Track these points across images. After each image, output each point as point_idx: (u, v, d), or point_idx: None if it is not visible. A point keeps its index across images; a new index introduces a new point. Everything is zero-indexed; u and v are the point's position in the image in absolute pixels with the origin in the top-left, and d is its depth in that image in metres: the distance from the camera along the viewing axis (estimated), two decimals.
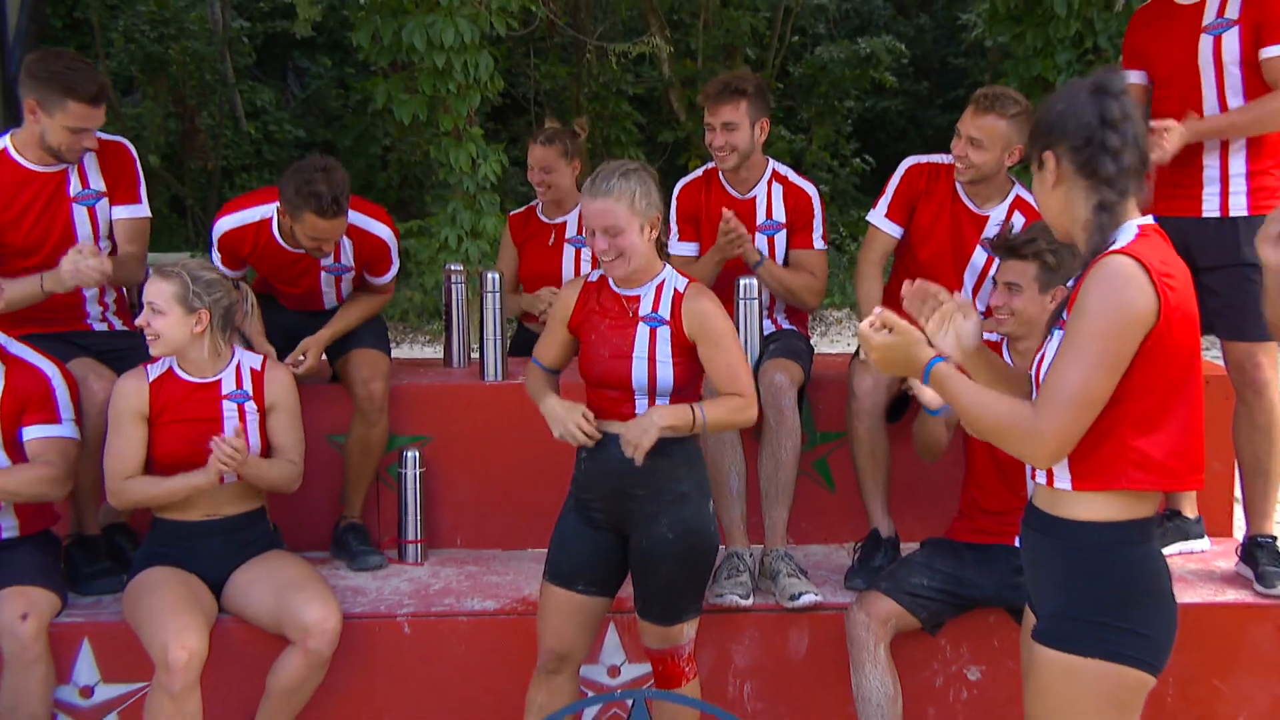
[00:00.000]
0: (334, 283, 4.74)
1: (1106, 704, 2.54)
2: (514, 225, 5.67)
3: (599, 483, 3.57)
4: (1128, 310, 2.42)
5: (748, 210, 4.70)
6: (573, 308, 3.61)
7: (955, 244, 4.55)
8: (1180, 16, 4.28)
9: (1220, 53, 4.19)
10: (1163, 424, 2.51)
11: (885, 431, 4.41)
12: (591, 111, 15.62)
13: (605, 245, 3.41)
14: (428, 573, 4.53)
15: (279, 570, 3.99)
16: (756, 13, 16.49)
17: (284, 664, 3.81)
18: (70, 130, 4.16)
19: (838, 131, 17.00)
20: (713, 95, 4.59)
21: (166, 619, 3.67)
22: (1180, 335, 2.48)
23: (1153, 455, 2.50)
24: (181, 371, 3.95)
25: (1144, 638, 2.52)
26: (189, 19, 16.08)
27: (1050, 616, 2.60)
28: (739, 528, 4.36)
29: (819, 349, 4.83)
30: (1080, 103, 2.57)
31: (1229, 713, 4.19)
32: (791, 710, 4.25)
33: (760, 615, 4.22)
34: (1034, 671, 2.64)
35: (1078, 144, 2.55)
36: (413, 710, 4.15)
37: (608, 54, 15.44)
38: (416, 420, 4.77)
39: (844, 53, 16.61)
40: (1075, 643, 2.53)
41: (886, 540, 4.41)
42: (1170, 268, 2.48)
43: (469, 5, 11.39)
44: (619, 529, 3.60)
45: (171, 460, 3.89)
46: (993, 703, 4.25)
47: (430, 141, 12.36)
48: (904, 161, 4.74)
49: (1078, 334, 2.45)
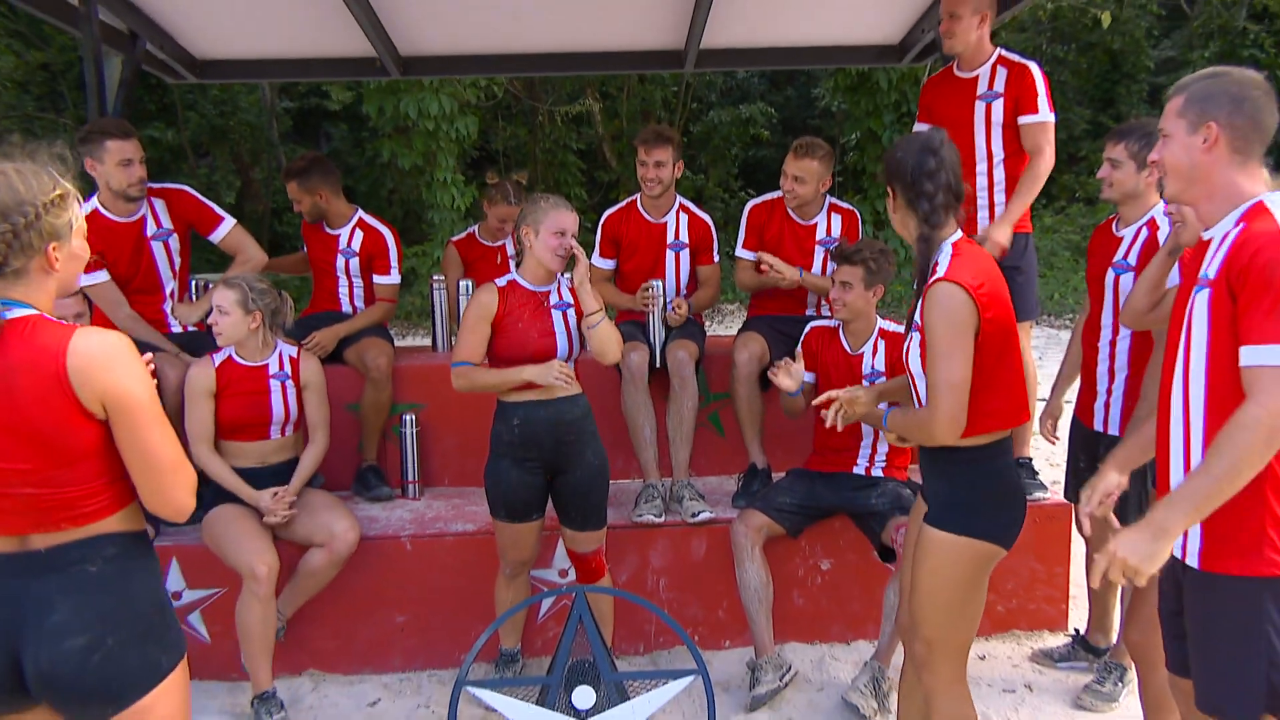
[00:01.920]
0: (346, 266, 4.85)
1: (970, 567, 2.65)
2: (460, 247, 5.56)
3: (538, 438, 3.54)
4: (958, 320, 2.53)
5: (660, 232, 4.67)
6: (495, 309, 3.51)
7: (798, 249, 4.59)
8: (961, 86, 4.33)
9: (990, 115, 4.25)
10: (996, 384, 2.61)
11: (759, 393, 4.43)
12: (544, 160, 15.59)
13: (567, 243, 3.48)
14: (423, 505, 4.52)
15: (314, 499, 4.00)
16: (666, 86, 16.53)
17: (311, 558, 3.86)
18: (119, 164, 4.13)
19: (727, 172, 17.04)
20: (649, 140, 4.54)
21: (247, 543, 3.67)
22: (998, 321, 2.59)
23: (995, 405, 2.61)
24: (239, 358, 3.91)
25: (994, 521, 2.65)
26: (245, 100, 15.88)
27: (937, 508, 2.69)
28: (652, 465, 4.36)
29: (713, 333, 4.85)
30: (911, 155, 2.68)
31: (994, 579, 4.27)
32: (695, 598, 4.27)
33: (670, 529, 4.24)
34: (921, 545, 2.69)
35: (907, 184, 2.67)
36: (413, 603, 4.14)
37: (555, 116, 15.41)
38: (413, 391, 4.74)
39: (730, 116, 16.67)
40: (952, 525, 2.64)
41: (761, 471, 4.44)
42: (981, 276, 2.58)
43: (449, 85, 11.55)
44: (550, 469, 3.60)
45: (232, 423, 3.87)
46: (839, 584, 4.30)
47: (424, 185, 12.34)
48: (746, 206, 4.76)
49: (933, 346, 2.56)
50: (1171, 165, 2.25)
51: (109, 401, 1.89)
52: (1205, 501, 2.06)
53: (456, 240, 5.64)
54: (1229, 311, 2.11)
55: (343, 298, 4.87)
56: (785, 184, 4.50)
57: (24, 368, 1.85)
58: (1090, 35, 17.16)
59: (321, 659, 4.12)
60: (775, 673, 3.82)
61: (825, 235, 4.58)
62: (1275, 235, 2.04)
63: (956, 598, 2.66)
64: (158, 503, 1.98)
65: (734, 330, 4.64)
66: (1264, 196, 2.16)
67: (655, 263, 4.68)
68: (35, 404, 1.86)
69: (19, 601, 1.91)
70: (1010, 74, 4.22)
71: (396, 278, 4.89)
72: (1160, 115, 2.30)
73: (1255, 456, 2.02)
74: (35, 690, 1.93)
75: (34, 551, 1.93)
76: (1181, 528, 2.10)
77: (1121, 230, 3.62)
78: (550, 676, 3.13)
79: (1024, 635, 4.36)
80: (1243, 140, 2.17)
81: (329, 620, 4.09)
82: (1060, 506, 4.33)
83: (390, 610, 4.13)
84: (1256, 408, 2.01)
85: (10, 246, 1.87)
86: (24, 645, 1.90)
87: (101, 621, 1.93)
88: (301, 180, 4.74)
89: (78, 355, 1.87)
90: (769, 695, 3.77)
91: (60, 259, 1.96)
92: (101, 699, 1.94)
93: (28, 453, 1.88)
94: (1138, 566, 2.08)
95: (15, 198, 1.88)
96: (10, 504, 1.89)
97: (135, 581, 2.00)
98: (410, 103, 11.48)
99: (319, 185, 4.75)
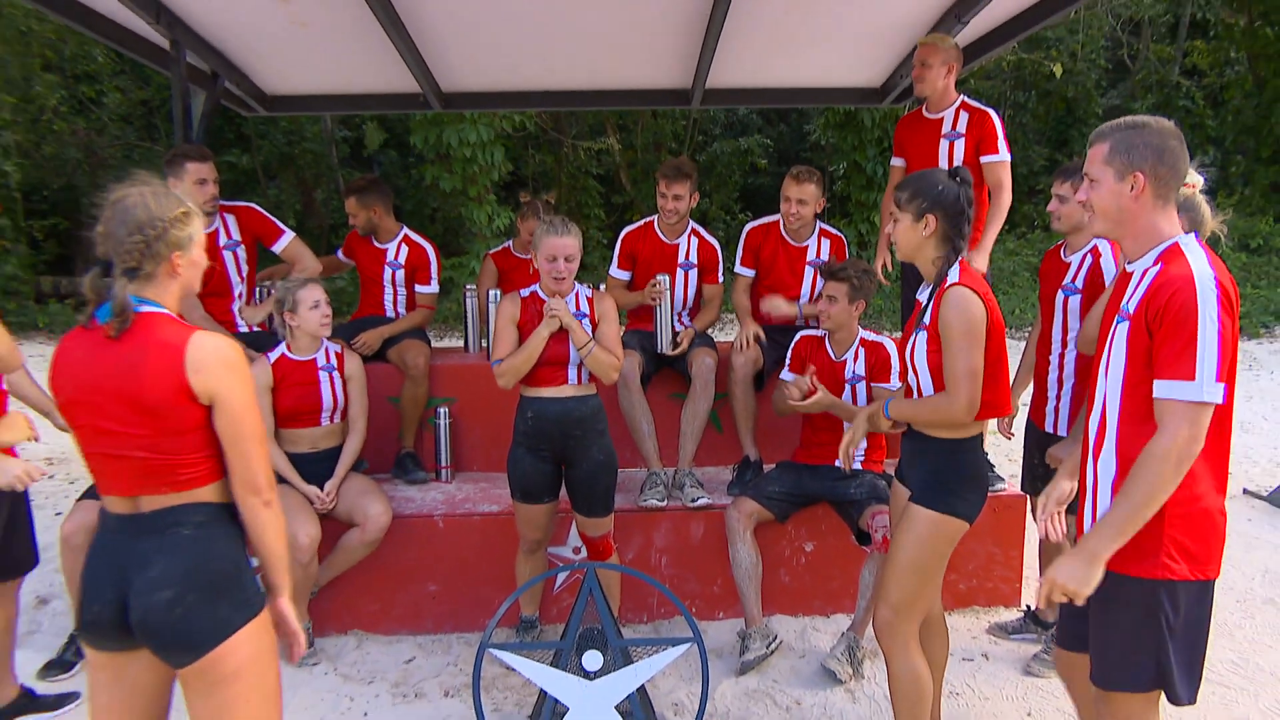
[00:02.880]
0: (393, 277, 4.82)
1: (945, 541, 2.68)
2: (496, 259, 5.47)
3: (548, 431, 3.51)
4: (975, 318, 2.57)
5: (673, 251, 4.58)
6: (518, 315, 3.53)
7: (790, 269, 4.52)
8: (928, 125, 4.32)
9: (952, 152, 4.24)
10: (993, 379, 2.64)
11: (754, 393, 4.38)
12: (568, 184, 15.54)
13: (565, 268, 3.43)
14: (454, 487, 4.47)
15: (355, 483, 3.97)
16: (675, 120, 16.47)
17: (350, 536, 3.87)
18: (195, 183, 4.14)
19: (729, 197, 16.92)
20: (669, 175, 4.44)
21: (294, 516, 3.66)
22: (997, 325, 2.63)
23: (990, 397, 2.63)
24: (291, 354, 3.89)
25: (968, 501, 2.67)
26: (309, 130, 15.89)
27: (922, 489, 2.70)
28: (654, 456, 4.31)
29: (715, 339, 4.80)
30: (951, 189, 2.68)
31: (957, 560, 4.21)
32: (693, 574, 4.22)
33: (672, 513, 4.19)
34: (905, 520, 2.71)
35: (952, 212, 2.66)
36: (444, 574, 4.10)
37: (578, 148, 15.38)
38: (447, 387, 4.69)
39: (731, 147, 16.56)
40: (936, 504, 2.66)
41: (754, 463, 4.37)
42: (982, 287, 2.62)
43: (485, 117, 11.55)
44: (559, 460, 3.58)
45: (289, 411, 3.86)
46: (820, 564, 4.25)
47: (462, 205, 12.31)
48: (744, 228, 4.66)
49: (952, 338, 2.59)
50: (1100, 208, 2.25)
51: (215, 396, 1.99)
52: (1128, 524, 2.10)
53: (493, 253, 5.60)
54: (1144, 344, 2.13)
55: (387, 304, 4.84)
56: (788, 207, 4.41)
57: (150, 352, 1.97)
58: (1048, 85, 17.13)
59: (365, 620, 4.08)
60: (763, 641, 3.77)
61: (815, 257, 4.51)
62: (1188, 279, 2.06)
63: (931, 566, 2.70)
64: (243, 479, 2.04)
65: (731, 338, 4.59)
66: (1179, 238, 2.17)
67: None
68: (154, 382, 1.96)
69: (129, 556, 2.01)
70: (972, 118, 4.22)
71: (435, 287, 4.88)
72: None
73: (1167, 483, 2.07)
74: (136, 634, 2.00)
75: (141, 514, 2.02)
76: (1110, 552, 2.13)
77: (1069, 256, 3.57)
78: (563, 641, 3.10)
79: (982, 610, 4.30)
80: (1164, 187, 2.17)
81: (372, 587, 4.06)
82: (1016, 497, 4.28)
83: (424, 580, 4.10)
84: (1166, 439, 2.05)
85: (143, 253, 2.00)
86: (130, 593, 1.98)
87: (185, 578, 1.98)
88: (360, 196, 4.75)
89: (196, 351, 1.98)
90: (757, 661, 3.72)
91: (182, 266, 2.07)
92: (181, 647, 1.99)
93: (144, 421, 1.97)
94: (1076, 590, 2.15)
95: (149, 214, 2.00)
96: (127, 465, 2.00)
97: (218, 546, 2.04)
98: (451, 133, 11.46)
99: (375, 202, 4.76)
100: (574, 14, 4.37)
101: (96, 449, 2.02)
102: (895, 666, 2.76)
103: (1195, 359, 2.02)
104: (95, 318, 2.01)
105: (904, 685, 2.76)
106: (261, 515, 2.06)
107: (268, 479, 2.05)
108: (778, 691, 3.61)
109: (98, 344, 2.00)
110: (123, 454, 1.99)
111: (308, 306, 3.86)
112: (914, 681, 2.75)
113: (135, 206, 2.00)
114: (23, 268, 12.51)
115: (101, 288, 2.01)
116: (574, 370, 3.50)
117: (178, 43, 4.48)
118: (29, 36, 13.25)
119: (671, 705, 3.51)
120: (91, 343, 2.01)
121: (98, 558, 2.05)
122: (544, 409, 3.51)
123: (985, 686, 3.65)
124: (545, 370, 3.50)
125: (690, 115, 16.28)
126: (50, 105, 13.78)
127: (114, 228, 2.00)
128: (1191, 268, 2.07)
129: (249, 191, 15.37)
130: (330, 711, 3.48)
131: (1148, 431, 2.11)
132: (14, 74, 13.31)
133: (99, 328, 2.00)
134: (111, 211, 2.01)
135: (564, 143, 15.26)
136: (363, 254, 4.89)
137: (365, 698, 3.58)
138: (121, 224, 1.99)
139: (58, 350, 2.05)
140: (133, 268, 2.00)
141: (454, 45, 4.80)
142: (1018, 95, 17.85)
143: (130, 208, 2.00)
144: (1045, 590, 2.19)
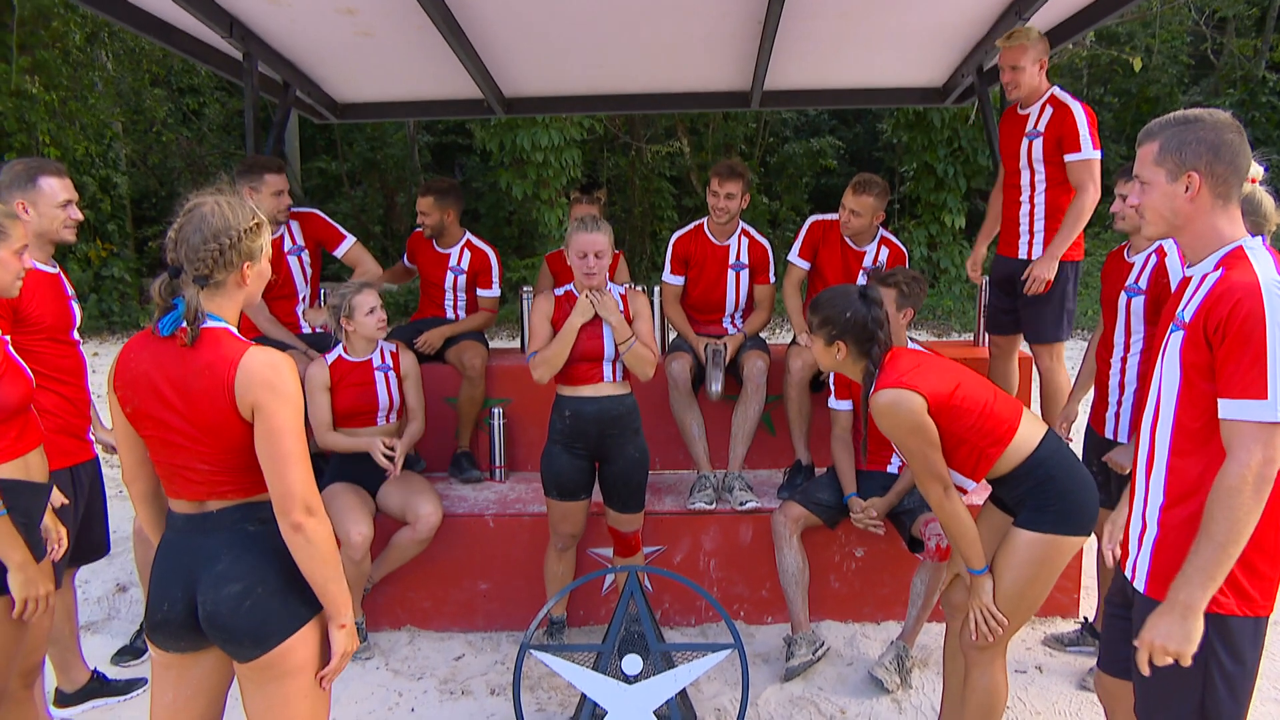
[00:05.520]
0: (454, 282, 4.78)
1: (1052, 562, 2.53)
2: (551, 260, 5.36)
3: (585, 429, 3.49)
4: (910, 417, 2.49)
5: (724, 253, 4.47)
6: (552, 312, 3.52)
7: (845, 271, 4.38)
8: (1018, 121, 4.14)
9: (1031, 151, 4.06)
10: (978, 429, 2.55)
11: (809, 396, 4.25)
12: (641, 187, 15.47)
13: (595, 264, 3.40)
14: (507, 487, 4.43)
15: (409, 482, 3.95)
16: (746, 123, 16.25)
17: (402, 534, 3.85)
18: (274, 194, 4.17)
19: (799, 198, 16.65)
20: (722, 174, 4.35)
21: (348, 514, 3.67)
22: (938, 396, 2.52)
23: (966, 454, 2.57)
24: (348, 355, 3.90)
25: (1073, 516, 2.52)
26: (393, 136, 16.12)
27: (1024, 514, 2.56)
28: (704, 459, 4.20)
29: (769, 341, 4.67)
30: (859, 312, 2.61)
31: None
32: (741, 578, 4.10)
33: (721, 516, 4.08)
34: (1010, 544, 2.56)
35: (862, 336, 2.62)
36: (494, 573, 4.07)
37: (647, 152, 15.32)
38: (502, 388, 4.66)
39: (802, 148, 16.26)
40: (1036, 526, 2.52)
41: (806, 467, 4.25)
42: (907, 369, 2.55)
43: (557, 121, 11.57)
44: (595, 457, 3.55)
45: (346, 411, 3.86)
46: (871, 570, 4.08)
47: (535, 209, 12.36)
48: (808, 219, 4.51)
49: (901, 448, 2.54)
50: (1154, 212, 2.01)
51: (255, 414, 1.93)
52: (1217, 568, 1.85)
53: (550, 255, 5.57)
54: (1200, 358, 1.90)
55: (448, 307, 4.82)
56: (842, 215, 4.28)
57: (206, 371, 1.94)
58: (1124, 82, 16.40)
59: (418, 616, 4.07)
60: (809, 647, 3.64)
61: (871, 263, 4.35)
62: (1253, 287, 1.82)
63: (1038, 591, 2.56)
64: (275, 498, 1.94)
65: (786, 341, 4.45)
66: (1242, 241, 1.93)
67: (718, 280, 4.48)
68: (208, 401, 1.94)
69: (196, 553, 2.00)
70: (1054, 115, 3.99)
71: (497, 291, 4.83)
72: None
73: (1250, 513, 1.82)
74: (205, 629, 1.98)
75: (208, 513, 2.01)
76: (1204, 602, 1.88)
77: (1133, 256, 3.36)
78: (604, 644, 3.02)
79: (1038, 621, 4.08)
80: (1223, 185, 1.93)
81: (426, 584, 4.05)
82: None
83: (475, 578, 4.06)
84: (1239, 465, 1.81)
85: (216, 261, 1.96)
86: (199, 590, 1.97)
87: (253, 572, 1.97)
88: (440, 197, 4.71)
89: (243, 371, 1.93)
90: (802, 668, 3.60)
91: (251, 276, 2.04)
92: (252, 640, 1.96)
93: (206, 438, 1.96)
94: (1178, 650, 1.89)
95: (224, 223, 1.97)
96: (194, 475, 1.98)
97: (283, 541, 1.99)
98: (525, 137, 11.51)
99: (450, 205, 4.73)
100: (629, 18, 4.28)
101: (163, 458, 2.00)
102: (976, 677, 2.65)
103: (1267, 375, 1.78)
104: (159, 326, 1.96)
105: (980, 696, 2.66)
106: (292, 539, 1.94)
107: (303, 502, 1.92)
108: (822, 699, 3.47)
109: (161, 354, 1.96)
110: (189, 465, 1.97)
111: (364, 312, 3.85)
112: (990, 694, 2.65)
113: (211, 214, 1.96)
114: (129, 271, 12.97)
115: (170, 293, 1.97)
116: (609, 367, 3.47)
117: (250, 54, 4.53)
118: (139, 55, 13.74)
119: (715, 710, 3.41)
120: (154, 352, 1.97)
121: (165, 557, 2.03)
122: (581, 408, 3.47)
123: (1037, 700, 3.46)
124: (581, 367, 3.45)
125: (761, 118, 16.07)
126: (159, 118, 14.27)
127: (188, 234, 1.95)
128: (1257, 273, 1.83)
129: (336, 196, 15.68)
130: (379, 706, 3.48)
131: (1202, 452, 1.91)
132: (126, 90, 13.83)
133: (164, 336, 1.96)
134: (186, 218, 1.97)
135: (635, 146, 15.21)
136: (424, 258, 4.87)
137: (414, 694, 3.56)
138: (196, 231, 1.95)
139: (121, 357, 2.01)
140: (204, 275, 1.96)
141: (513, 51, 4.77)
142: (1094, 90, 17.15)
143: (206, 215, 1.96)
144: (1143, 656, 1.95)
